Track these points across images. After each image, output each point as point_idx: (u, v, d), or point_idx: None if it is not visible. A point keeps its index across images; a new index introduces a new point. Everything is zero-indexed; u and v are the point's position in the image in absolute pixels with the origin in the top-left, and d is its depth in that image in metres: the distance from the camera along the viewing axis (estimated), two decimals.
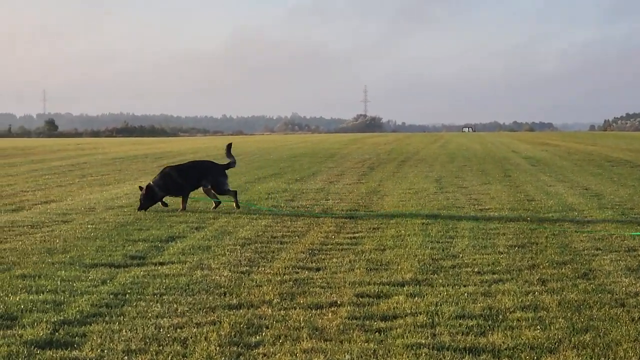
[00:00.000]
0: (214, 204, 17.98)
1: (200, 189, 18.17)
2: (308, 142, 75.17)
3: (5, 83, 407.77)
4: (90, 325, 8.24)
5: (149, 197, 17.58)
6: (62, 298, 9.31)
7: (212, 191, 18.11)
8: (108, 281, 10.26)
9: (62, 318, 8.43)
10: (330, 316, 8.63)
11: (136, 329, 8.08)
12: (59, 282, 10.12)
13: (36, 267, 11.13)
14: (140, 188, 17.89)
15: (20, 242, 13.21)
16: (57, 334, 7.90)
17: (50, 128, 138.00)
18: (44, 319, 8.35)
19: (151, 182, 17.85)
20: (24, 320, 8.35)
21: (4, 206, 18.33)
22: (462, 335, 7.98)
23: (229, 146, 19.43)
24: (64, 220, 16.03)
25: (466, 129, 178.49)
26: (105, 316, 8.58)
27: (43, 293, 9.55)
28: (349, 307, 8.96)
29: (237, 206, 17.90)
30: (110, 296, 9.45)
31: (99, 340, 7.71)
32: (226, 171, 18.52)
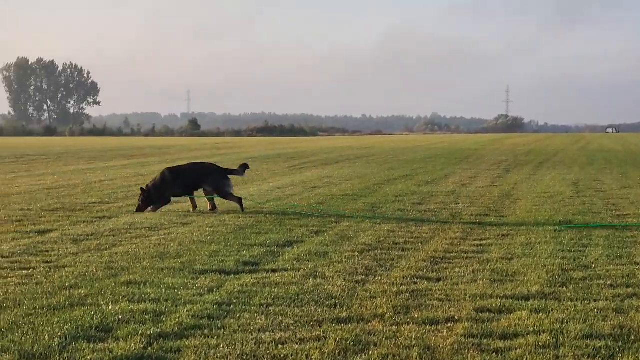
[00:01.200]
0: (210, 207, 17.60)
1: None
2: (445, 143, 74.20)
3: (153, 83, 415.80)
4: (187, 339, 7.74)
5: (147, 199, 17.29)
6: (164, 308, 8.84)
7: (211, 194, 17.67)
8: (215, 289, 9.77)
9: (158, 331, 7.94)
10: (445, 333, 7.96)
11: (235, 344, 7.55)
12: (163, 290, 9.68)
13: (144, 273, 10.73)
14: (141, 189, 17.58)
15: (134, 246, 12.87)
16: (150, 348, 7.41)
17: (193, 127, 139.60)
18: (140, 332, 7.88)
19: (149, 184, 17.56)
20: (118, 332, 7.89)
21: (127, 207, 18.12)
22: (588, 358, 7.23)
23: (244, 166, 18.79)
24: (183, 222, 15.68)
25: (610, 130, 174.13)
26: (205, 329, 8.07)
27: (145, 302, 9.10)
28: (466, 323, 8.28)
29: (242, 209, 17.35)
30: (214, 306, 8.94)
31: (192, 357, 7.19)
32: (229, 176, 17.97)
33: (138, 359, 7.14)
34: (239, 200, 17.57)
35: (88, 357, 7.11)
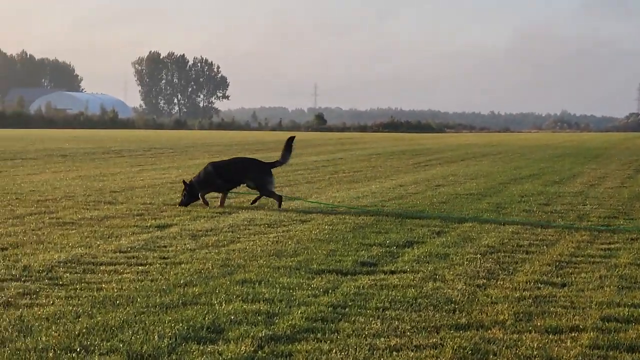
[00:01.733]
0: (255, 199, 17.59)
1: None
2: (574, 141, 72.75)
3: (280, 78, 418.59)
4: (299, 343, 7.50)
5: (191, 193, 17.19)
6: (277, 309, 8.62)
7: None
8: (330, 291, 9.52)
9: (270, 333, 7.72)
10: (568, 344, 7.57)
11: (347, 350, 7.28)
12: (278, 290, 9.47)
13: (260, 271, 10.54)
14: (184, 182, 17.49)
15: (251, 243, 12.72)
16: (260, 352, 7.19)
17: (319, 122, 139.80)
18: (251, 334, 7.67)
19: (192, 179, 17.46)
20: (229, 334, 7.69)
21: (247, 202, 18.03)
22: None
23: (291, 140, 18.24)
24: (302, 219, 15.49)
25: None
26: (318, 332, 7.82)
27: (258, 302, 8.91)
28: (592, 333, 7.87)
29: (280, 207, 17.09)
30: (329, 309, 8.69)
31: None
32: (272, 170, 17.69)
33: None
34: (279, 198, 17.37)
35: (196, 359, 6.93)
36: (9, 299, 8.77)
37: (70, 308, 8.43)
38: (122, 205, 17.12)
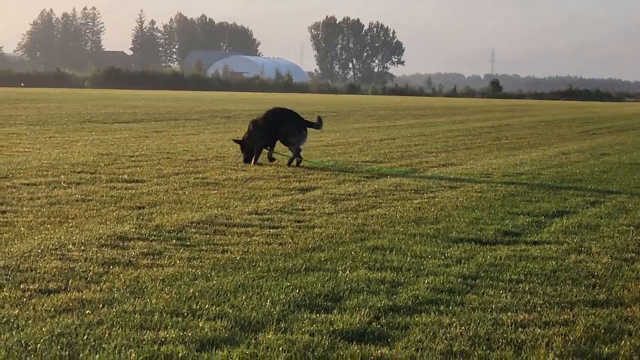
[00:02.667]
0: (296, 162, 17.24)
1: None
2: None
3: (457, 45, 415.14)
4: (419, 314, 7.05)
5: (244, 150, 17.46)
6: (403, 278, 8.19)
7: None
8: (464, 261, 9.03)
9: (390, 304, 7.29)
10: None
11: (469, 325, 6.80)
12: (408, 258, 9.03)
13: (394, 238, 10.11)
14: (235, 141, 18.09)
15: (392, 209, 12.29)
16: (374, 323, 6.76)
17: (494, 89, 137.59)
18: (369, 304, 7.26)
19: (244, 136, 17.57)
20: (347, 302, 7.30)
21: (399, 167, 17.59)
22: None
23: (320, 119, 18.19)
24: (451, 186, 14.97)
25: None
26: (441, 304, 7.35)
27: (384, 270, 8.49)
28: None
29: (289, 164, 17.18)
30: (458, 279, 8.21)
31: (418, 336, 6.50)
32: (307, 128, 17.42)
33: (359, 335, 6.51)
34: (299, 159, 17.23)
35: (304, 329, 6.56)
36: (131, 259, 8.59)
37: (190, 270, 8.20)
38: (270, 168, 16.91)
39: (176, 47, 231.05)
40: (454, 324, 6.80)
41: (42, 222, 10.31)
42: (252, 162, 17.19)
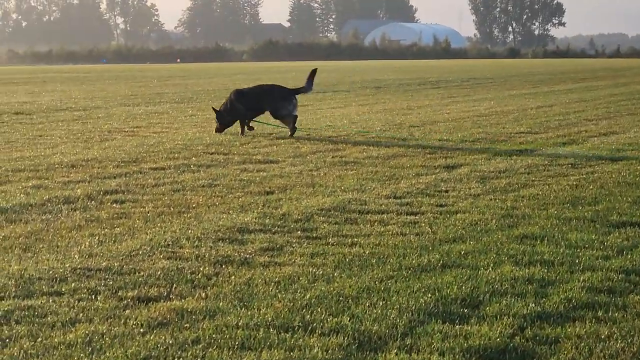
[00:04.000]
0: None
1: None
2: None
3: (621, 3, 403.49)
4: (572, 323, 5.95)
5: (218, 120, 17.10)
6: (554, 276, 7.05)
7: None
8: (626, 251, 7.85)
9: (538, 310, 6.20)
10: None
11: (632, 337, 5.68)
12: (562, 249, 7.90)
13: (546, 224, 8.96)
14: (213, 110, 17.60)
15: (546, 187, 11.11)
16: (517, 337, 5.68)
17: None
18: (513, 310, 6.18)
19: (222, 107, 17.26)
20: (487, 309, 6.22)
21: (557, 138, 16.31)
22: None
23: (313, 72, 17.70)
24: (613, 158, 13.66)
25: None
26: (599, 310, 6.22)
27: (533, 265, 7.37)
28: None
29: (291, 134, 16.57)
30: (619, 276, 7.06)
31: (571, 353, 5.42)
32: (295, 96, 16.96)
33: (498, 353, 5.47)
34: (294, 127, 16.66)
35: (433, 346, 5.54)
36: (247, 257, 7.69)
37: (310, 269, 7.25)
38: (416, 142, 15.85)
39: (333, 17, 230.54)
40: (614, 336, 5.71)
41: (160, 213, 9.53)
42: (241, 132, 16.99)
